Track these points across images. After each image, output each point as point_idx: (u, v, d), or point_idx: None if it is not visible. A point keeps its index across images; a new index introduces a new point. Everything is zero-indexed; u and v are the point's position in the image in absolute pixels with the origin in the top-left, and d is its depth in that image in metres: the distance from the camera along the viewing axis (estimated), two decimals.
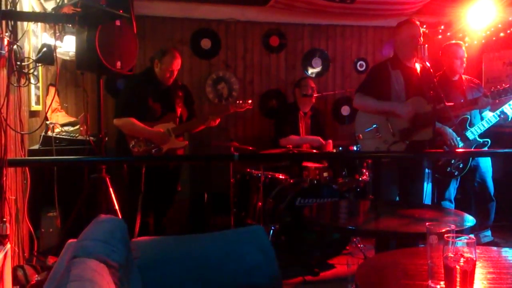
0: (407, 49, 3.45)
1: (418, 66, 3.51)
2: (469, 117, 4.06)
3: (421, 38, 3.44)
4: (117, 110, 3.93)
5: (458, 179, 4.23)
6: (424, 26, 5.35)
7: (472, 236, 1.55)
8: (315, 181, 4.13)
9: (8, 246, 2.46)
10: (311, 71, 5.70)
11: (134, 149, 3.84)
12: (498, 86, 3.61)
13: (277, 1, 4.91)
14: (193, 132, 4.29)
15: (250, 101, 4.25)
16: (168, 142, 3.91)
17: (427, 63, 3.27)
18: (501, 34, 5.07)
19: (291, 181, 4.27)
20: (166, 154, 3.92)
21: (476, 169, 4.20)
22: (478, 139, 4.05)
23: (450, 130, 3.94)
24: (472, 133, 4.05)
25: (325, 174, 4.20)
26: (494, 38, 5.17)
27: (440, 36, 5.35)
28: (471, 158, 4.07)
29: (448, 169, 4.07)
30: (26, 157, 3.43)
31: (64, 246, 1.80)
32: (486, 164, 4.25)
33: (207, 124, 4.05)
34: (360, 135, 3.51)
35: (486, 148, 4.10)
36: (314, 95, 4.80)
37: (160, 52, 3.94)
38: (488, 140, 4.05)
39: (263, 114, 5.56)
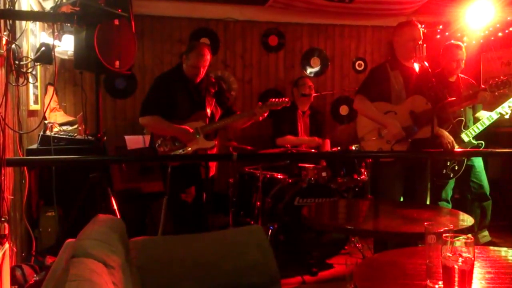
0: (407, 50, 3.46)
1: (416, 66, 3.53)
2: (463, 119, 4.09)
3: (421, 39, 3.44)
4: (143, 108, 3.70)
5: (454, 180, 4.24)
6: (423, 26, 5.35)
7: (470, 235, 1.55)
8: (314, 181, 4.13)
9: (7, 245, 2.46)
10: (309, 70, 5.70)
11: (160, 149, 3.65)
12: (496, 79, 3.64)
13: (276, 0, 4.92)
14: (239, 128, 4.08)
15: (287, 99, 3.85)
16: (194, 141, 3.66)
17: (425, 63, 3.29)
18: (500, 34, 5.08)
19: (290, 180, 4.27)
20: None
21: (471, 169, 4.23)
22: (473, 141, 4.07)
23: (447, 133, 3.96)
24: (467, 135, 4.07)
25: (323, 174, 4.20)
26: (492, 38, 5.18)
27: (438, 36, 5.36)
28: (465, 160, 4.09)
29: (444, 171, 4.09)
30: (24, 157, 3.43)
31: (62, 246, 1.80)
32: (480, 163, 4.27)
33: (255, 118, 3.76)
34: (363, 138, 3.53)
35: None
36: (312, 94, 4.80)
37: (188, 47, 3.76)
38: (482, 142, 4.08)
39: None
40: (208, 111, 3.78)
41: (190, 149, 3.65)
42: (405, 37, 3.47)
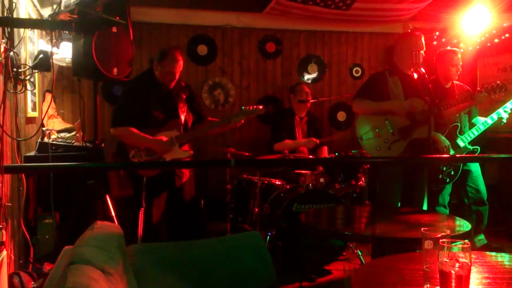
0: (407, 60, 3.57)
1: (415, 74, 3.59)
2: (459, 124, 4.11)
3: (423, 49, 3.54)
4: (114, 118, 3.56)
5: (451, 185, 4.25)
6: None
7: (467, 241, 1.56)
8: (312, 187, 4.14)
9: (4, 253, 2.46)
10: (307, 77, 5.72)
11: (134, 159, 3.52)
12: (493, 83, 3.71)
13: (273, 7, 4.94)
14: (213, 134, 4.01)
15: (261, 107, 3.79)
16: (170, 151, 3.55)
17: (422, 69, 3.32)
18: (496, 40, 5.11)
19: (288, 186, 4.27)
20: (163, 161, 3.63)
21: (467, 174, 4.23)
22: (469, 146, 4.09)
23: (443, 138, 3.99)
24: (463, 141, 4.08)
25: (321, 180, 4.20)
26: (488, 44, 5.20)
27: (435, 42, 5.39)
28: (461, 165, 4.11)
29: (440, 176, 4.10)
30: (22, 164, 3.42)
31: (60, 253, 1.80)
32: (477, 168, 4.28)
33: (231, 126, 3.72)
34: (361, 137, 3.59)
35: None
36: (309, 100, 4.82)
37: (160, 53, 3.59)
38: (478, 147, 4.09)
39: (260, 120, 5.56)
40: (182, 118, 3.68)
41: (166, 160, 3.58)
42: (408, 46, 3.56)
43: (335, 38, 5.79)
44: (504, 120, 4.03)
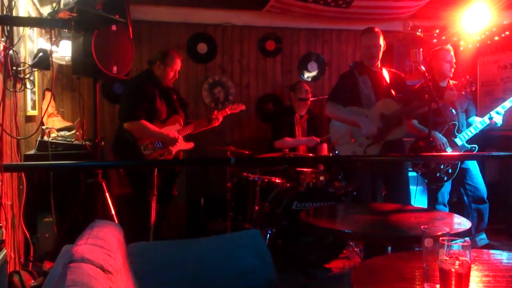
0: (368, 56, 3.65)
1: (385, 71, 3.68)
2: (457, 123, 4.11)
3: (381, 46, 3.62)
4: (128, 112, 3.71)
5: (450, 183, 4.25)
6: (420, 30, 5.39)
7: (467, 239, 1.56)
8: (312, 185, 4.14)
9: (4, 251, 2.45)
10: (307, 75, 5.71)
11: (146, 152, 3.74)
12: (463, 78, 3.74)
13: (273, 5, 4.93)
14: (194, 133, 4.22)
15: (242, 105, 4.33)
16: (176, 144, 3.87)
17: (422, 67, 3.32)
18: (496, 38, 5.11)
19: (288, 185, 4.27)
20: (163, 158, 3.80)
21: (466, 172, 4.24)
22: (466, 145, 4.09)
23: (440, 135, 4.00)
24: (460, 139, 4.08)
25: (321, 178, 4.20)
26: (489, 42, 5.20)
27: (435, 40, 5.38)
28: (459, 163, 4.11)
29: (438, 174, 4.11)
30: (22, 162, 3.42)
31: (60, 251, 1.80)
32: (475, 166, 4.29)
33: (212, 124, 4.10)
34: (336, 141, 3.62)
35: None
36: (310, 98, 4.82)
37: (161, 54, 3.88)
38: (476, 146, 4.10)
39: (260, 118, 5.56)
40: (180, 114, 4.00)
41: (173, 151, 3.84)
42: (364, 43, 3.65)
43: (335, 36, 5.78)
44: (498, 123, 4.03)
